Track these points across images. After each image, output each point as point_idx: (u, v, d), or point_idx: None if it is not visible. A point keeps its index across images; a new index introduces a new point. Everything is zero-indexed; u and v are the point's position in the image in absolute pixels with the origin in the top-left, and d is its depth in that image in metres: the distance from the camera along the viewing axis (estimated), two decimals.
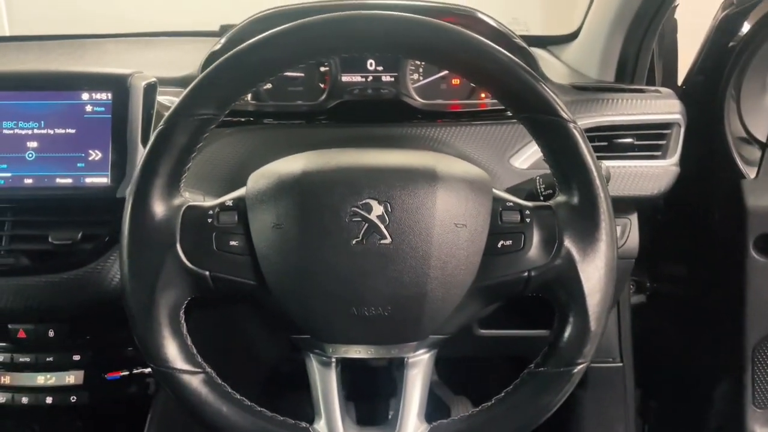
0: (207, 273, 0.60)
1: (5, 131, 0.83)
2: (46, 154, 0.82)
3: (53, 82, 0.84)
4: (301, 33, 0.60)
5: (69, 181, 0.82)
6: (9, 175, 0.82)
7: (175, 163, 0.61)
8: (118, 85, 0.83)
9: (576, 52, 1.19)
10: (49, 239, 0.79)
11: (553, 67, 1.15)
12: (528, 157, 0.93)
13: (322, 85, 1.02)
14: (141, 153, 0.83)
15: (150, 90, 0.86)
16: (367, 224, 0.58)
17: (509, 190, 0.71)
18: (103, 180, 0.82)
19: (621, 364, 1.19)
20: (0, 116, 0.83)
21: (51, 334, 0.87)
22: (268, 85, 1.03)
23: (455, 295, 0.59)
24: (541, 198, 0.72)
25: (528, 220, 0.61)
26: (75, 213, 0.82)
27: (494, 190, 0.63)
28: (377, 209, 0.58)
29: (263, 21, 0.98)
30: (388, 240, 0.58)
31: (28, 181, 0.82)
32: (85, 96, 0.83)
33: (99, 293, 0.81)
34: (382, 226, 0.58)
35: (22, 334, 0.87)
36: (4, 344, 0.87)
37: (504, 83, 0.60)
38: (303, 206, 0.59)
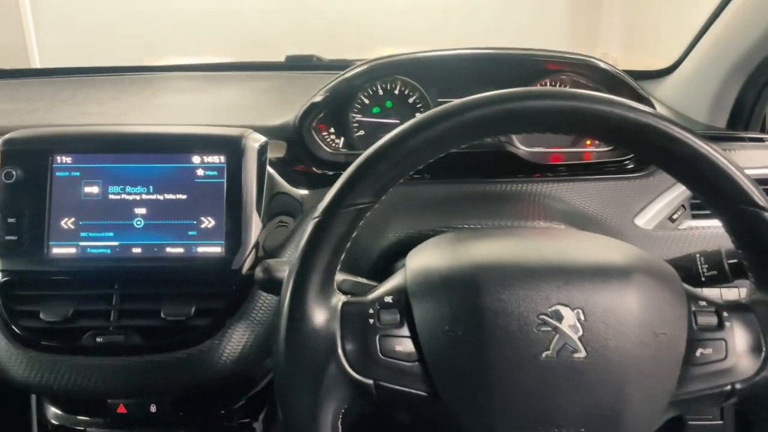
0: (371, 382, 0.54)
1: (111, 196, 0.77)
2: (156, 221, 0.77)
3: (162, 145, 0.78)
4: (475, 111, 0.54)
5: (180, 250, 0.77)
6: (116, 243, 0.77)
7: (331, 257, 0.55)
8: (232, 147, 0.78)
9: (674, 90, 1.13)
10: (161, 314, 0.74)
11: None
12: (653, 216, 0.88)
13: None
14: (256, 220, 0.78)
15: (262, 151, 0.80)
16: (558, 335, 0.52)
17: None
18: (216, 250, 0.77)
19: (721, 422, 1.13)
20: (106, 180, 0.77)
21: (153, 409, 0.81)
22: (361, 132, 0.98)
23: (654, 413, 0.53)
24: (703, 279, 0.66)
25: (728, 324, 0.55)
26: (187, 285, 0.76)
27: (685, 286, 0.58)
28: (569, 317, 0.52)
29: (370, 72, 0.92)
30: (583, 354, 0.52)
31: (137, 250, 0.77)
32: (196, 159, 0.78)
33: (211, 373, 0.75)
34: (575, 338, 0.52)
35: (122, 409, 0.81)
36: (101, 419, 0.82)
37: (697, 169, 0.54)
38: (481, 311, 0.53)
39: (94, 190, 0.77)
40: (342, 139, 0.99)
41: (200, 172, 0.78)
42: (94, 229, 0.77)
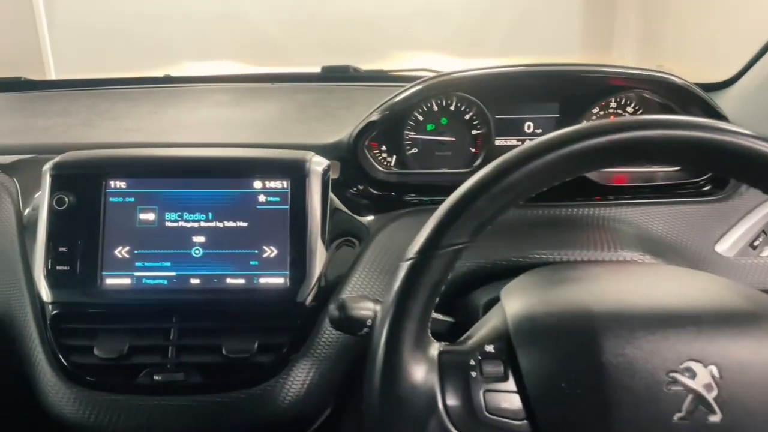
0: None
1: (168, 224, 0.73)
2: (215, 250, 0.73)
3: (222, 169, 0.74)
4: (586, 141, 0.50)
5: (241, 281, 0.72)
6: (173, 274, 0.72)
7: (427, 303, 0.51)
8: (296, 171, 0.73)
9: (737, 103, 1.08)
10: (223, 351, 0.70)
11: None
12: (734, 243, 0.83)
13: (473, 150, 0.92)
14: (321, 249, 0.73)
15: (325, 175, 0.76)
16: (690, 395, 0.47)
17: None
18: (279, 280, 0.72)
19: None
20: (162, 206, 0.73)
21: None
22: (414, 150, 0.93)
23: None
24: None
25: None
26: (249, 319, 0.72)
27: None
28: (702, 375, 0.48)
29: (431, 89, 0.88)
30: (718, 416, 0.47)
31: (195, 281, 0.72)
32: (257, 184, 0.73)
33: (275, 414, 0.71)
34: (710, 398, 0.47)
35: None
36: None
37: None
38: (602, 368, 0.48)
39: (150, 216, 0.73)
40: (394, 157, 0.94)
41: (262, 198, 0.73)
42: (149, 258, 0.72)
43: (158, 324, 0.71)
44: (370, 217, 0.83)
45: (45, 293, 0.71)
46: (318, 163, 0.75)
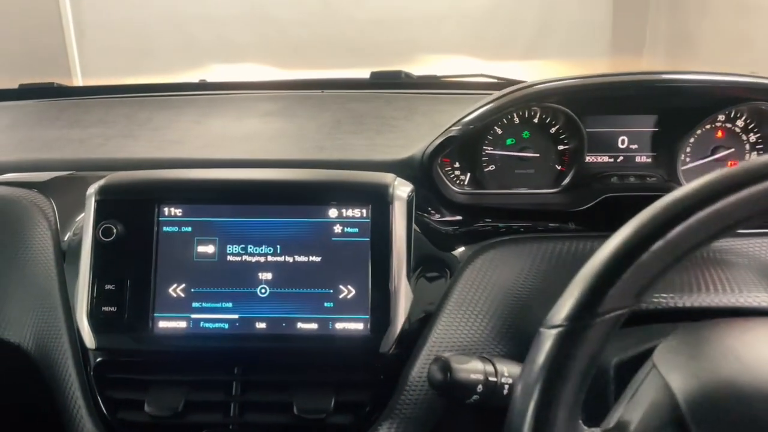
0: None
1: (230, 258, 0.63)
2: (284, 289, 0.63)
3: (293, 194, 0.64)
4: None
5: (314, 326, 0.62)
6: (236, 317, 0.62)
7: (581, 383, 0.40)
8: (378, 197, 0.63)
9: None
10: (294, 410, 0.60)
11: None
12: None
13: (559, 167, 0.82)
14: (406, 289, 0.63)
15: (410, 201, 0.66)
16: None
17: None
18: (358, 326, 0.62)
19: None
20: (223, 238, 0.63)
21: None
22: (491, 167, 0.82)
23: None
24: None
25: None
26: (324, 372, 0.62)
27: None
28: None
29: (520, 101, 0.77)
30: None
31: (261, 325, 0.62)
32: (332, 212, 0.63)
33: None
34: None
35: None
36: None
37: None
38: None
39: (209, 249, 0.63)
40: (468, 175, 0.84)
41: (338, 228, 0.63)
42: (208, 298, 0.62)
43: (219, 376, 0.62)
44: (458, 249, 0.72)
45: (88, 338, 0.62)
46: (402, 188, 0.65)
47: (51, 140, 0.89)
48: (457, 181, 0.83)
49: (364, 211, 0.63)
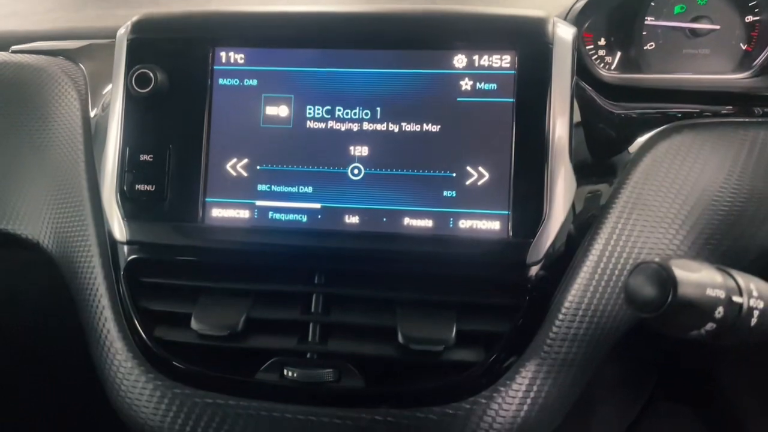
0: None
1: (311, 124, 0.44)
2: (386, 170, 0.44)
3: (400, 34, 0.45)
4: None
5: (428, 223, 0.43)
6: (317, 206, 0.44)
7: None
8: (529, 38, 0.43)
9: None
10: (399, 338, 0.41)
11: None
12: None
13: (744, 46, 0.59)
14: (568, 176, 0.43)
15: (575, 49, 0.45)
16: None
17: None
18: (493, 225, 0.43)
19: None
20: (302, 95, 0.45)
21: None
22: (651, 44, 0.61)
23: None
24: None
25: None
26: (441, 288, 0.43)
27: None
28: None
29: None
30: None
31: (352, 219, 0.44)
32: (458, 61, 0.43)
33: None
34: None
35: None
36: None
37: None
38: None
39: (282, 111, 0.45)
40: (618, 54, 0.62)
41: (467, 83, 0.43)
42: (280, 179, 0.44)
43: (293, 286, 0.44)
44: (628, 133, 0.51)
45: (118, 228, 0.45)
46: (564, 27, 0.44)
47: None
48: (602, 64, 0.62)
49: (508, 58, 0.43)
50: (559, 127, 0.43)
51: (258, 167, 0.45)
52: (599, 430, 0.61)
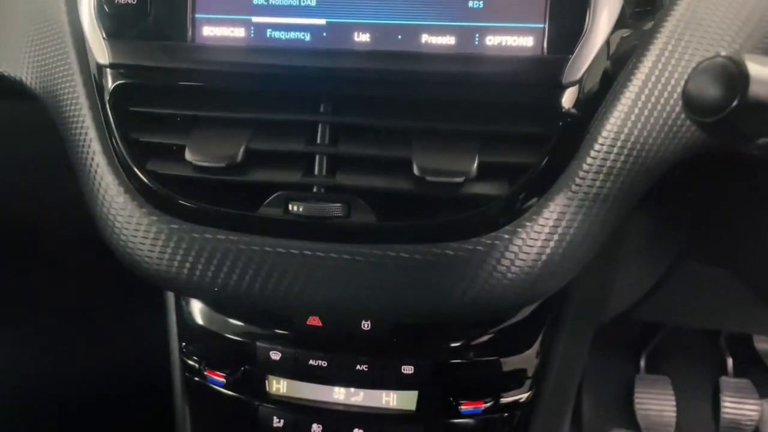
0: None
1: None
2: None
3: None
4: None
5: (449, 40, 0.38)
6: (322, 22, 0.38)
7: None
8: None
9: None
10: (414, 169, 0.37)
11: None
12: None
13: None
14: None
15: None
16: None
17: None
18: (525, 41, 0.37)
19: None
20: None
21: (366, 326, 0.48)
22: None
23: None
24: None
25: None
26: (463, 113, 0.38)
27: None
28: None
29: None
30: None
31: (362, 37, 0.38)
32: None
33: (502, 291, 0.39)
34: None
35: (315, 321, 0.49)
36: (285, 333, 0.50)
37: None
38: None
39: None
40: None
41: None
42: None
43: (296, 113, 0.39)
44: None
45: (98, 48, 0.40)
46: None
47: None
48: None
49: None
50: None
51: None
52: (624, 284, 0.59)
